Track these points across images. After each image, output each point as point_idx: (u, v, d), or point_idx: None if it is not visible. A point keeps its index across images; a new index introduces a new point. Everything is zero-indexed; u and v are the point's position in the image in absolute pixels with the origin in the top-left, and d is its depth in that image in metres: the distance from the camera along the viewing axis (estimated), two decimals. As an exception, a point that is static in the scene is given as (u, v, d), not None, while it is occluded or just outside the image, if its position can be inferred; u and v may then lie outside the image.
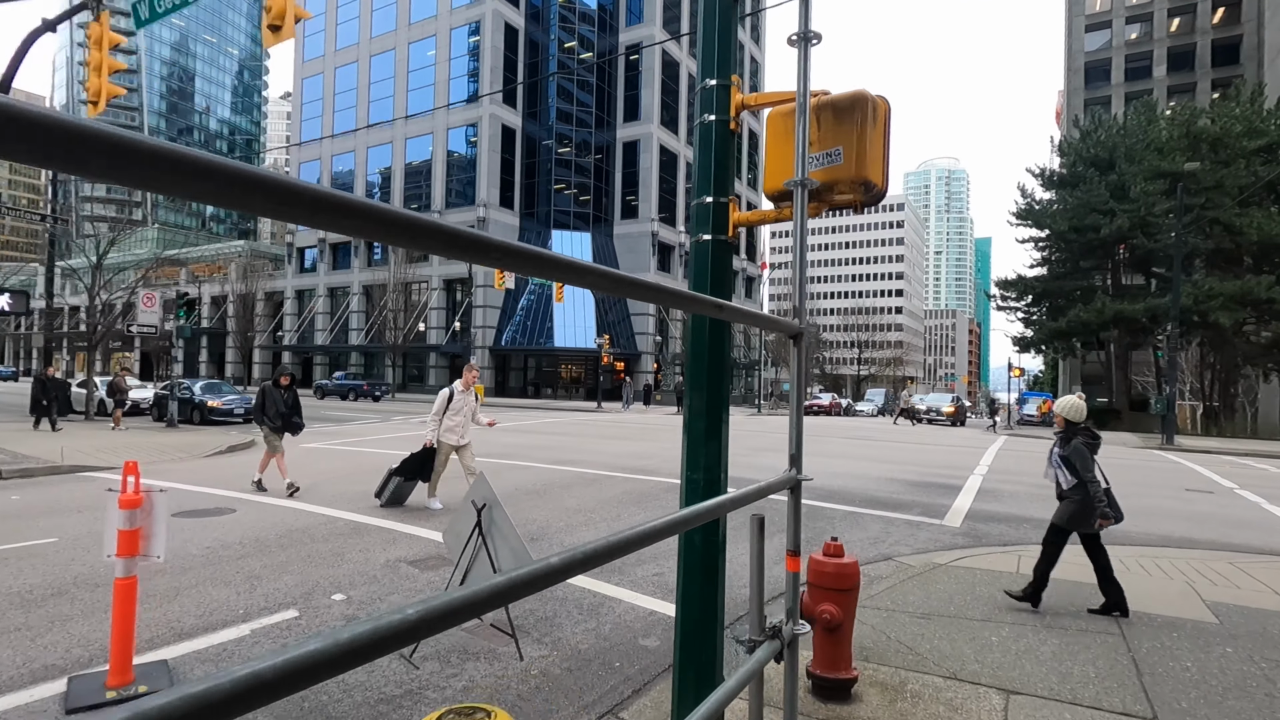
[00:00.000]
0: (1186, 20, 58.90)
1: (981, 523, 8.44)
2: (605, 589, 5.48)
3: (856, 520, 8.32)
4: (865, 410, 52.74)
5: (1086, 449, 5.01)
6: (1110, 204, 30.96)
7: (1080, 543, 5.33)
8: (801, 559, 2.45)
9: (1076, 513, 5.11)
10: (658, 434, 19.50)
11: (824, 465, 13.14)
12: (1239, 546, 7.77)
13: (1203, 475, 14.00)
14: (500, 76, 46.86)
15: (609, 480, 10.41)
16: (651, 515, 8.13)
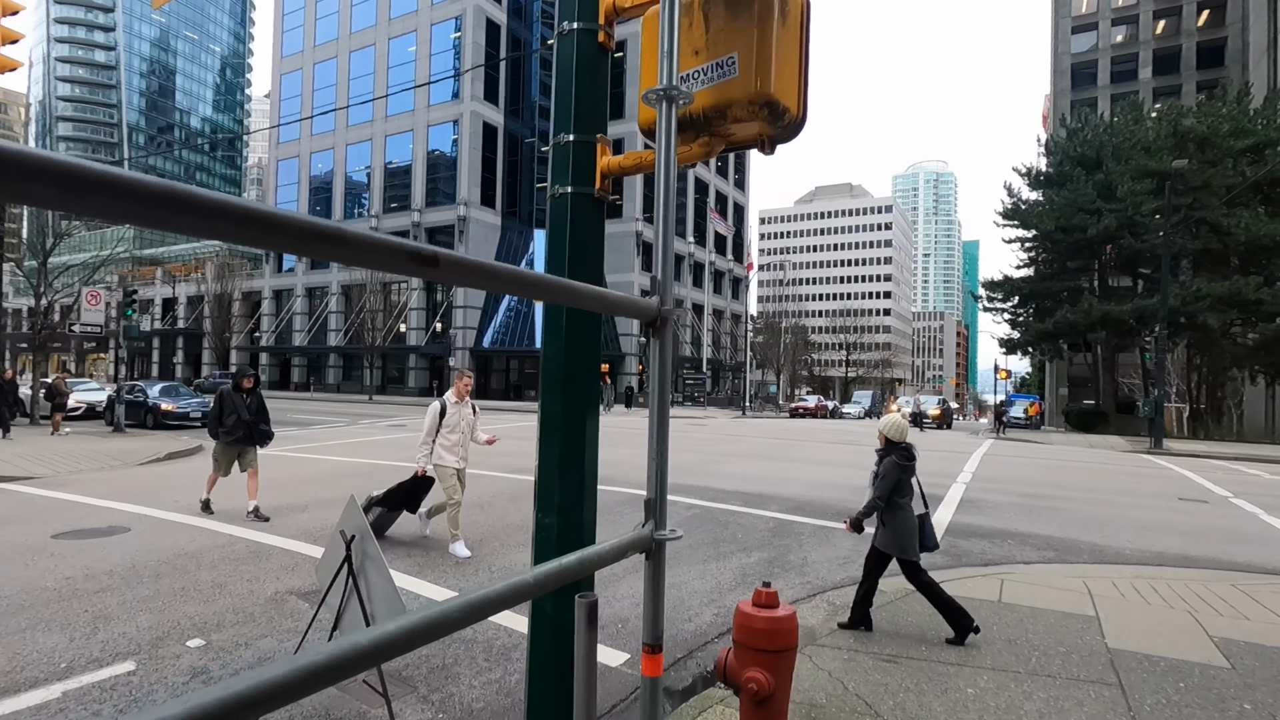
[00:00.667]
0: (1172, 22, 58.92)
1: (962, 538, 7.75)
2: (522, 625, 4.72)
3: (828, 537, 7.62)
4: (852, 413, 52.23)
5: (898, 469, 4.68)
6: (1097, 203, 30.56)
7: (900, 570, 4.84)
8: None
9: (897, 535, 4.72)
10: (630, 439, 18.75)
11: (800, 473, 12.44)
12: (1241, 565, 7.12)
13: (1195, 483, 13.42)
14: (482, 72, 46.03)
15: (565, 491, 9.65)
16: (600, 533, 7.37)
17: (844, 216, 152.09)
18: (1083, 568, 6.80)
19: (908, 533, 4.70)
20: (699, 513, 8.50)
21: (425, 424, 6.52)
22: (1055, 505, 10.00)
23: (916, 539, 4.73)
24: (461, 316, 44.96)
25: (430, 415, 6.51)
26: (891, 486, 4.67)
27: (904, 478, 4.70)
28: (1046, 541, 7.79)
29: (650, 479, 1.63)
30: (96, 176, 0.55)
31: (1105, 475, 14.28)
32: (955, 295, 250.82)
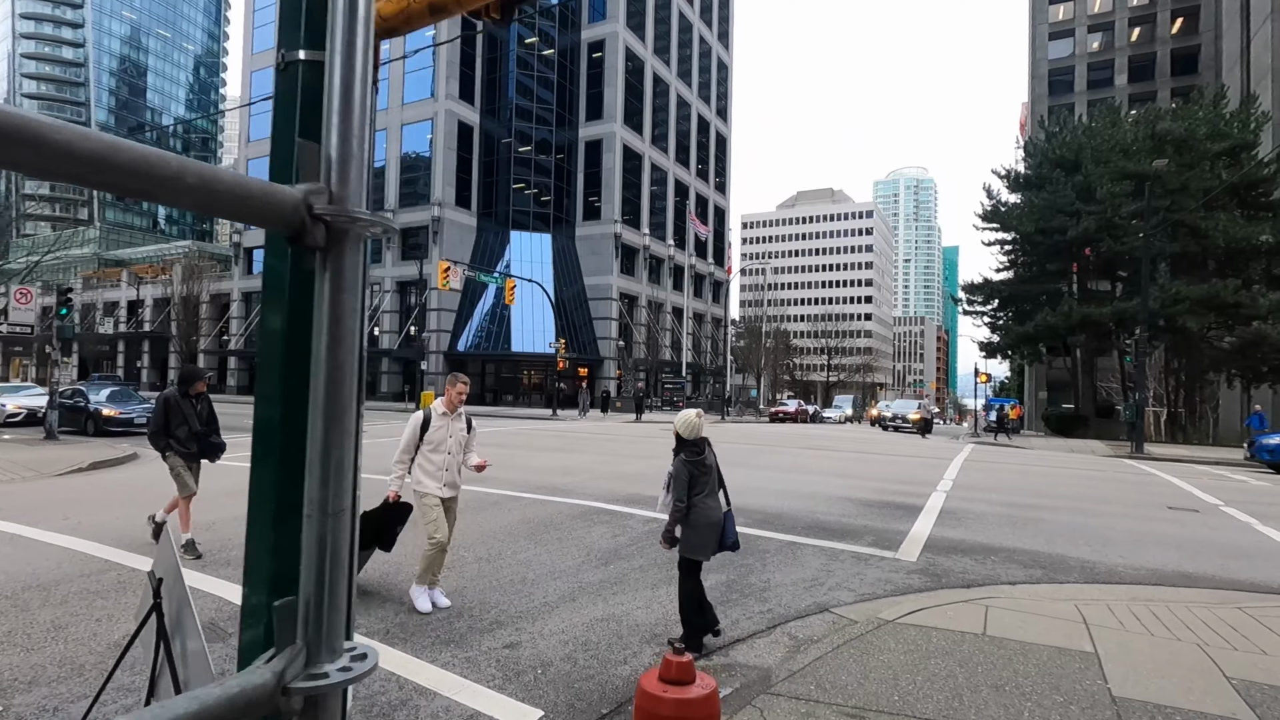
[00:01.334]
0: (1146, 30, 59.52)
1: (942, 555, 7.07)
2: (421, 672, 3.94)
3: (794, 554, 6.90)
4: (833, 417, 51.83)
5: (688, 468, 4.55)
6: (1076, 205, 30.36)
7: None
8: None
9: (688, 536, 4.57)
10: (598, 444, 18.02)
11: (771, 481, 11.75)
12: (1245, 584, 6.49)
13: (1182, 490, 12.91)
14: (457, 71, 45.17)
15: (513, 503, 8.87)
16: (540, 552, 6.56)
17: (825, 221, 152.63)
18: (1074, 588, 6.14)
19: (701, 534, 4.55)
20: (655, 527, 7.74)
21: (403, 439, 5.15)
22: (1040, 516, 9.38)
23: (713, 540, 4.57)
24: (435, 319, 43.95)
25: (410, 429, 5.13)
26: (686, 486, 4.54)
27: (697, 475, 4.57)
28: (1033, 558, 7.13)
29: (308, 557, 0.86)
30: None
31: (1090, 482, 13.75)
32: (936, 300, 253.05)
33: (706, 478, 4.61)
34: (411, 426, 5.16)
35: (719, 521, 4.60)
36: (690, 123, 60.70)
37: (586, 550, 6.69)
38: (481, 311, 45.29)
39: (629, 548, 6.85)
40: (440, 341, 44.18)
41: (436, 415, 5.19)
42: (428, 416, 5.18)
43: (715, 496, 4.68)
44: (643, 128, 52.12)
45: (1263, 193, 31.38)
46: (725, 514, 4.66)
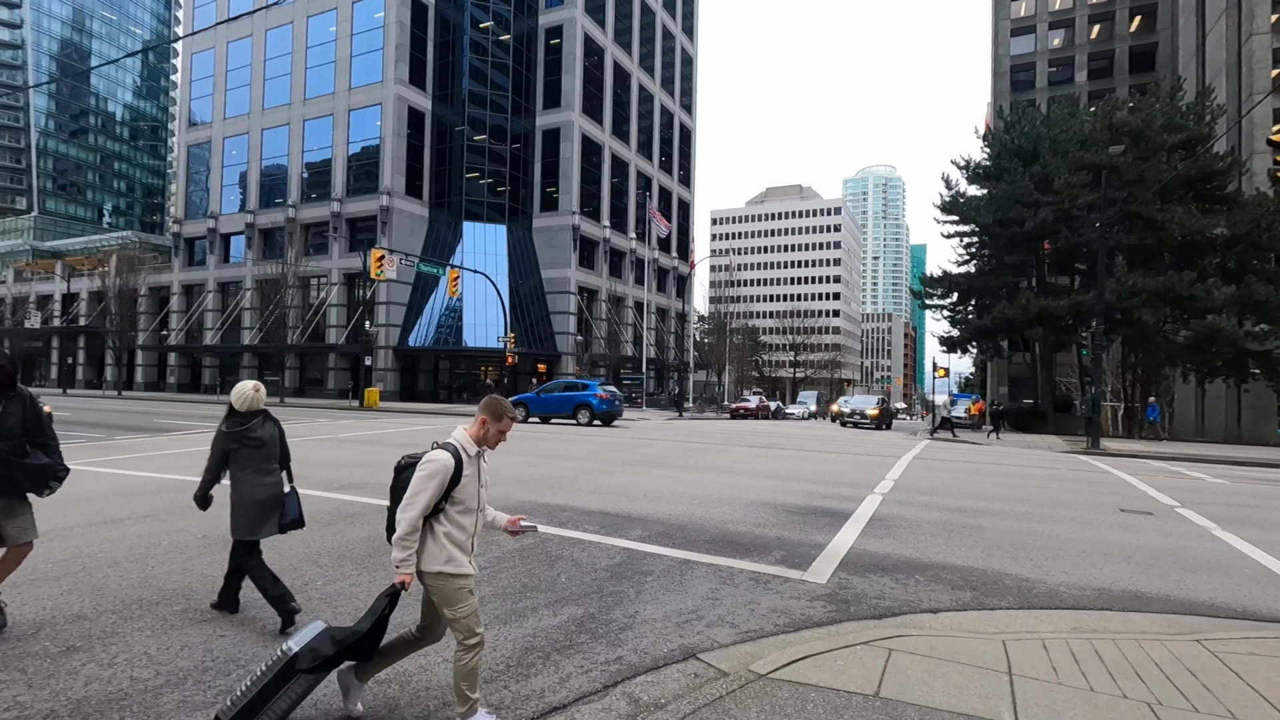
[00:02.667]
0: (1106, 27, 60.00)
1: (858, 574, 5.99)
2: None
3: (682, 576, 5.75)
4: (796, 413, 51.24)
5: (225, 439, 4.39)
6: (1034, 196, 29.90)
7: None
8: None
9: (234, 514, 4.41)
10: (522, 445, 16.80)
11: (695, 485, 10.63)
12: (1204, 607, 5.53)
13: (1136, 489, 12.12)
14: (407, 54, 43.39)
15: (376, 515, 7.61)
16: (364, 579, 5.31)
17: (794, 218, 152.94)
18: (1006, 617, 5.10)
19: (248, 512, 4.39)
20: (530, 544, 6.56)
21: (416, 498, 3.05)
22: (982, 523, 8.40)
23: (268, 518, 4.43)
24: (385, 313, 42.21)
25: (429, 481, 3.05)
26: (219, 459, 4.41)
27: (236, 448, 4.38)
28: (964, 576, 6.09)
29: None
30: None
31: (1041, 481, 12.91)
32: (903, 297, 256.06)
33: (255, 452, 4.42)
34: (432, 478, 3.04)
35: (271, 500, 4.46)
36: (653, 114, 59.57)
37: (425, 577, 5.46)
38: (434, 305, 43.66)
39: (482, 572, 5.63)
40: (390, 336, 42.47)
41: (467, 460, 3.17)
42: (459, 458, 3.12)
43: (271, 473, 4.50)
44: (603, 118, 50.82)
45: (1217, 186, 31.28)
46: (287, 493, 4.56)
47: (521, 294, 45.25)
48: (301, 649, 2.99)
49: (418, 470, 3.08)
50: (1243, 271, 29.20)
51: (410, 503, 3.05)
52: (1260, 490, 12.56)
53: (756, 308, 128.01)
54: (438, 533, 3.15)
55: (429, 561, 3.13)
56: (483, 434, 3.28)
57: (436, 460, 3.07)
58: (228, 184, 49.82)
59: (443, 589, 3.16)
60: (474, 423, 3.28)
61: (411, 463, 3.18)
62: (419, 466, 3.09)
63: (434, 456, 3.09)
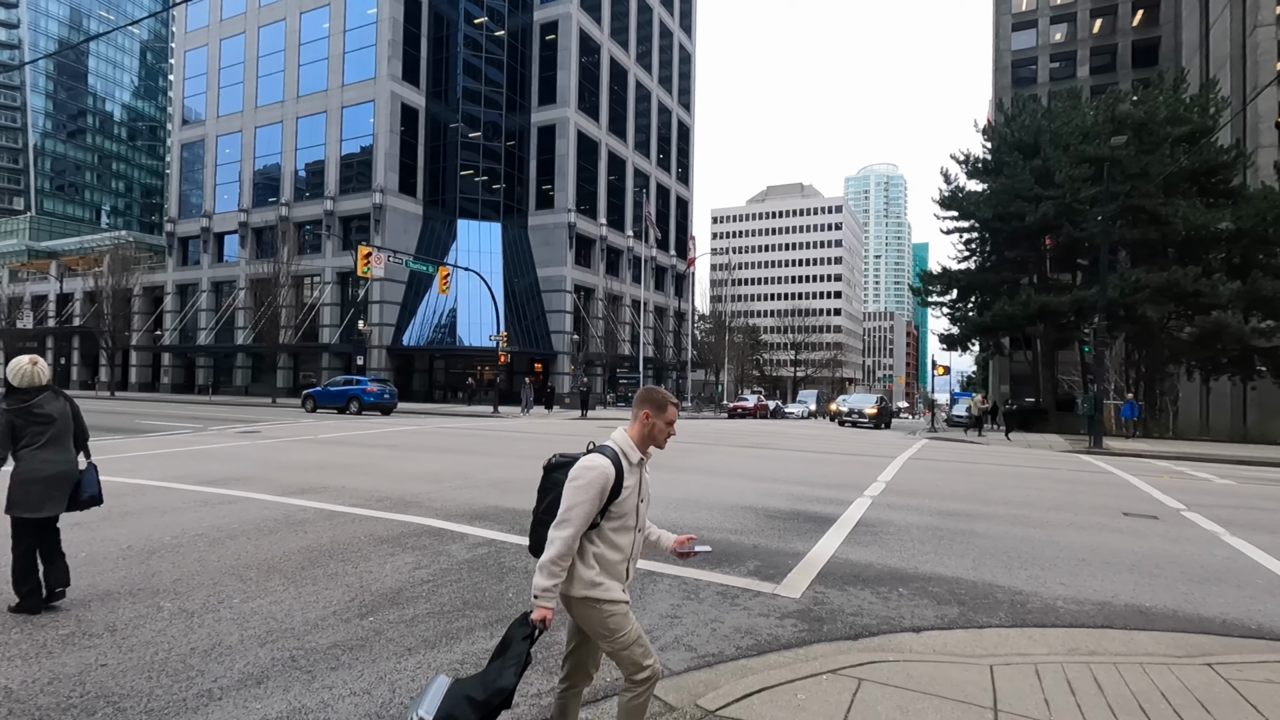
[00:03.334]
0: (1108, 21, 59.37)
1: (837, 587, 5.50)
2: None
3: (643, 590, 5.27)
4: (795, 413, 50.71)
5: (4, 419, 4.21)
6: (1035, 190, 29.35)
7: None
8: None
9: (13, 491, 4.24)
10: (508, 445, 16.35)
11: (677, 488, 10.15)
12: (1215, 624, 5.02)
13: (1140, 490, 11.60)
14: (400, 50, 42.94)
15: (325, 522, 7.13)
16: (286, 597, 4.82)
17: (795, 216, 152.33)
18: (996, 636, 4.60)
19: (29, 489, 4.23)
20: (484, 554, 6.07)
21: (573, 511, 2.49)
22: (975, 528, 7.90)
23: (55, 495, 4.33)
24: (378, 312, 41.77)
25: (588, 488, 2.50)
26: (4, 437, 4.21)
27: (21, 425, 4.24)
28: (953, 588, 5.60)
29: None
30: None
31: (1040, 483, 12.40)
32: (905, 296, 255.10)
33: (44, 429, 4.31)
34: (588, 489, 2.48)
35: (59, 476, 4.36)
36: (651, 111, 59.05)
37: (357, 592, 4.99)
38: (428, 304, 43.21)
39: (422, 586, 5.16)
40: (384, 335, 42.04)
41: (628, 468, 2.62)
42: (620, 466, 2.58)
43: (63, 450, 4.42)
44: (599, 114, 50.33)
45: (1222, 179, 30.70)
46: (84, 470, 4.53)
47: (517, 292, 44.79)
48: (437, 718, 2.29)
49: (570, 480, 2.52)
50: (1248, 266, 28.61)
51: (565, 520, 2.48)
52: (1270, 492, 12.04)
53: (757, 306, 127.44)
54: (586, 552, 2.60)
55: (574, 584, 2.56)
56: (648, 432, 2.70)
57: (594, 469, 2.51)
58: (221, 182, 49.43)
59: (591, 618, 2.59)
60: (632, 422, 2.73)
61: (565, 461, 2.67)
62: (572, 475, 2.53)
63: (591, 463, 2.53)
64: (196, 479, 9.60)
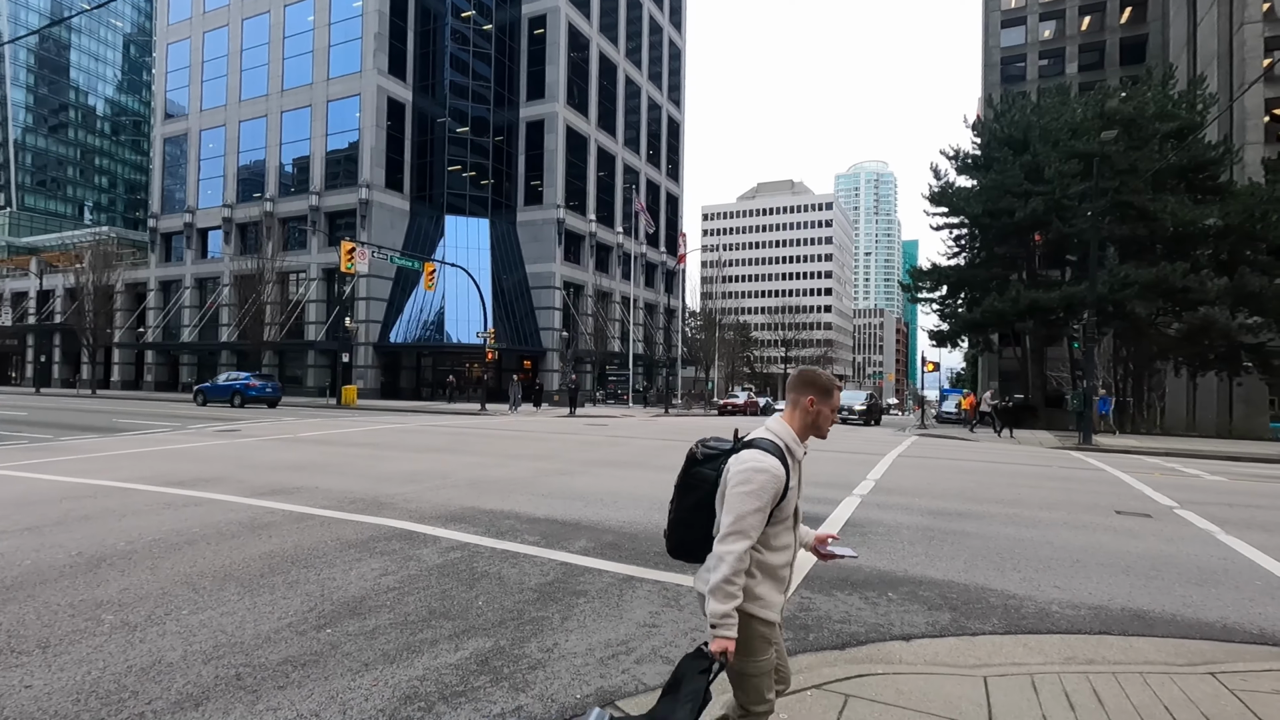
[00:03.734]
0: (1096, 18, 59.55)
1: (824, 592, 5.27)
2: None
3: (621, 596, 5.02)
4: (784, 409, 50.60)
5: None
6: (1025, 186, 29.30)
7: None
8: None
9: None
10: (493, 444, 16.07)
11: (658, 487, 9.88)
12: (1216, 629, 4.83)
13: (1132, 488, 11.47)
14: (386, 44, 42.40)
15: (293, 525, 6.84)
16: (240, 607, 4.53)
17: (786, 213, 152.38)
18: (989, 645, 4.38)
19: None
20: (456, 559, 5.81)
21: (744, 519, 2.14)
22: (966, 527, 7.70)
23: None
24: (365, 309, 41.30)
25: (759, 493, 2.14)
26: None
27: None
28: (944, 592, 5.38)
29: None
30: None
31: (1031, 480, 12.25)
32: (895, 293, 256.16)
33: None
34: (760, 494, 2.15)
35: None
36: (641, 107, 58.72)
37: (317, 601, 4.71)
38: (415, 301, 42.77)
39: (387, 595, 4.89)
40: (370, 332, 41.57)
41: (792, 464, 2.30)
42: (786, 459, 2.25)
43: None
44: (588, 109, 49.95)
45: (1210, 176, 30.76)
46: None
47: (505, 289, 44.41)
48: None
49: (737, 485, 2.15)
50: (1235, 263, 28.68)
51: (735, 532, 2.13)
52: (1261, 489, 11.94)
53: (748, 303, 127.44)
54: (760, 553, 2.27)
55: (756, 606, 2.24)
56: (811, 421, 2.38)
57: (765, 471, 2.15)
58: (205, 177, 48.72)
59: (740, 636, 2.22)
60: (790, 409, 2.39)
61: (714, 454, 2.33)
62: (738, 479, 2.16)
63: (761, 464, 2.16)
64: (165, 480, 9.27)
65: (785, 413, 2.43)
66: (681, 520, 2.38)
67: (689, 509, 2.34)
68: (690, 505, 2.35)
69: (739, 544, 2.13)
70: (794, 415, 2.39)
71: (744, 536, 2.14)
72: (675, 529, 2.41)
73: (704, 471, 2.33)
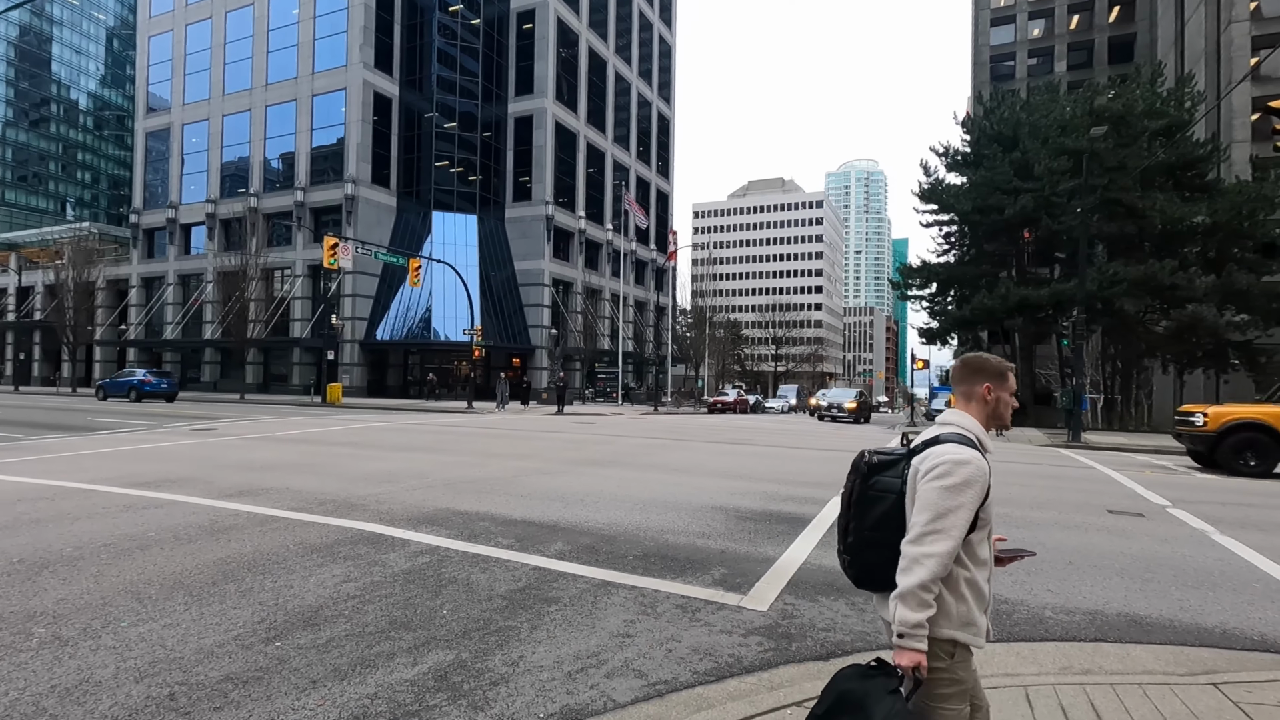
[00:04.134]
0: (1085, 17, 59.75)
1: (808, 598, 5.04)
2: None
3: (595, 603, 4.76)
4: (776, 407, 50.55)
5: None
6: (1014, 182, 29.25)
7: None
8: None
9: None
10: (476, 443, 15.79)
11: (644, 487, 9.65)
12: (1215, 634, 4.63)
13: (1123, 486, 11.32)
14: (372, 37, 41.88)
15: (256, 528, 6.54)
16: (184, 618, 4.24)
17: (776, 211, 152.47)
18: (980, 655, 4.09)
19: None
20: (424, 564, 5.53)
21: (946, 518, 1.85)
22: (956, 527, 7.47)
23: None
24: (351, 306, 40.82)
25: (964, 488, 1.87)
26: None
27: None
28: (933, 597, 5.13)
29: None
30: None
31: (1021, 478, 12.09)
32: (885, 291, 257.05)
33: None
34: (966, 489, 1.88)
35: None
36: (631, 104, 58.39)
37: (270, 610, 4.43)
38: (402, 298, 42.32)
39: (346, 603, 4.61)
40: (356, 329, 41.09)
41: (984, 448, 2.06)
42: (984, 452, 2.03)
43: None
44: (578, 105, 49.59)
45: (1198, 174, 30.82)
46: None
47: (494, 286, 44.02)
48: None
49: (936, 478, 1.89)
50: (1223, 260, 28.74)
51: (936, 531, 1.83)
52: (1253, 486, 11.83)
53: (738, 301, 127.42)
54: (955, 578, 1.93)
55: (940, 622, 1.93)
56: (992, 410, 2.14)
57: (969, 463, 1.88)
58: (188, 172, 48.00)
59: (938, 665, 1.96)
60: (964, 403, 2.13)
61: (892, 459, 2.06)
62: (938, 472, 1.89)
63: (958, 454, 1.90)
64: (130, 481, 8.93)
65: (957, 407, 2.15)
66: (865, 542, 2.03)
67: (872, 527, 2.02)
68: (874, 522, 2.02)
69: (940, 544, 1.84)
70: (970, 408, 2.13)
71: (946, 537, 1.84)
72: (859, 554, 2.07)
73: (887, 480, 2.03)
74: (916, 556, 1.86)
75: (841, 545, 2.13)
